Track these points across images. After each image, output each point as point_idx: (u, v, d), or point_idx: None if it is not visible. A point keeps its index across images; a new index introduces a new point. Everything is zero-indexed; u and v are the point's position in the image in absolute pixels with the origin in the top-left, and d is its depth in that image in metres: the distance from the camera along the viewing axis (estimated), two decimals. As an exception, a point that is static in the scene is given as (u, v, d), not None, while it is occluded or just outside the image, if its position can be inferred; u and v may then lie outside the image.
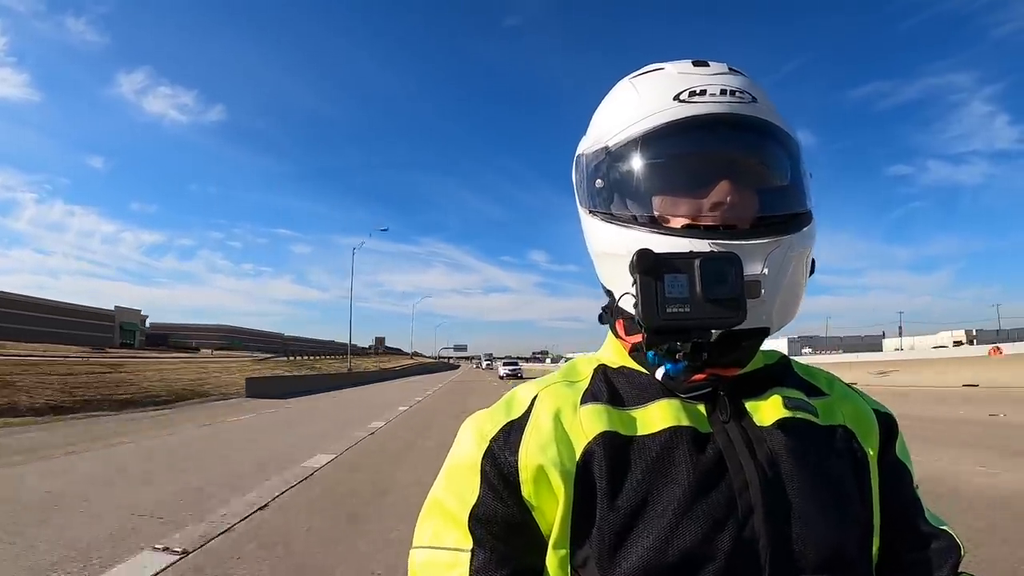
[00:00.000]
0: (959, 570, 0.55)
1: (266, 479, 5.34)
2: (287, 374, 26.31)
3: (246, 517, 4.11)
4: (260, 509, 4.33)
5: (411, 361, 72.24)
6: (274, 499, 4.63)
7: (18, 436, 8.26)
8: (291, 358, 40.56)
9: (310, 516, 4.19)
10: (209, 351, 55.76)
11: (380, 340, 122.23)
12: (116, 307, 61.88)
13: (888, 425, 0.59)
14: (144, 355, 37.41)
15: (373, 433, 8.91)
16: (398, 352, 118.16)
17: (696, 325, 0.46)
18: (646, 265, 0.46)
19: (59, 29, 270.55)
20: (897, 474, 0.58)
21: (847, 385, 0.63)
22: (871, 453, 0.56)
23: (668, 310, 0.46)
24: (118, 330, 59.19)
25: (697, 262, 0.46)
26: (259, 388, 18.51)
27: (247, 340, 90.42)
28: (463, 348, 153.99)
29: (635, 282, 0.46)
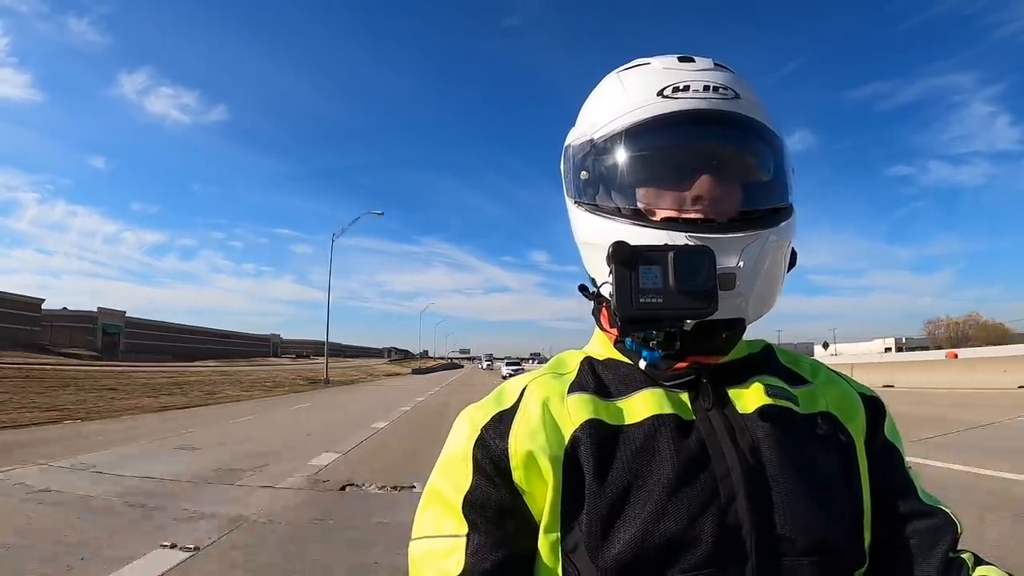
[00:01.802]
0: (958, 547, 0.54)
1: (439, 384, 36.35)
2: (413, 366, 64.22)
3: (444, 385, 36.79)
4: (444, 386, 36.29)
5: (435, 363, 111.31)
6: (444, 386, 36.52)
7: (386, 379, 42.29)
8: (395, 360, 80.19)
9: (463, 384, 35.99)
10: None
11: (424, 352, 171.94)
12: (271, 333, 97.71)
13: (875, 408, 0.61)
14: (319, 361, 77.16)
15: (452, 380, 41.19)
16: (410, 354, 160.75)
17: (669, 315, 0.48)
18: (621, 256, 0.48)
19: (61, 30, 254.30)
20: (887, 455, 0.59)
21: (832, 371, 0.64)
22: (856, 437, 0.57)
23: (641, 300, 0.48)
24: (271, 347, 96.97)
25: (671, 254, 0.48)
26: (417, 372, 56.88)
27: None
28: (467, 351, 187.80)
29: (611, 272, 0.49)
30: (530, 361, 66.60)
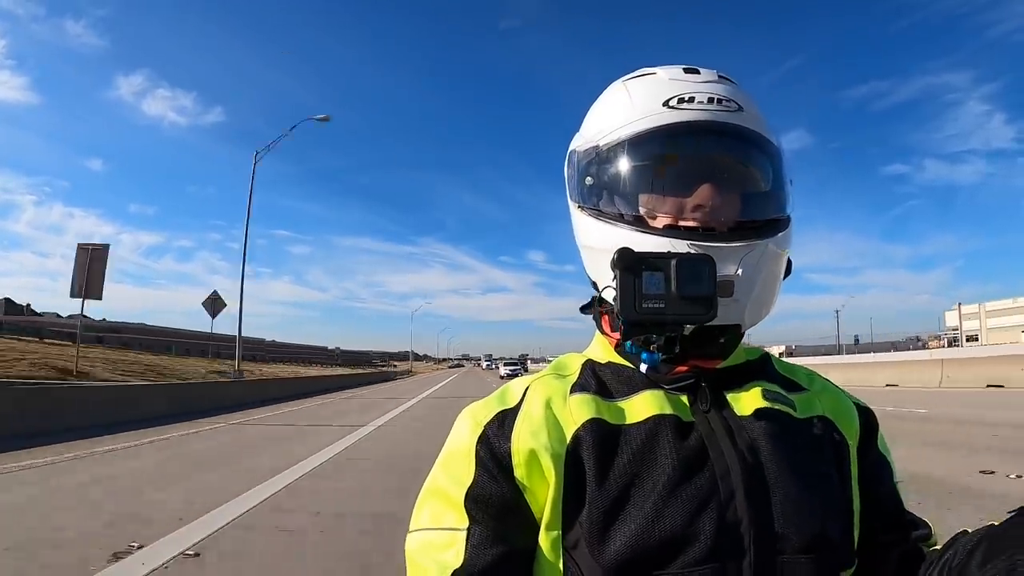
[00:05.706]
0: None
1: (462, 370, 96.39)
2: (447, 366, 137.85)
3: (466, 370, 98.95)
4: (466, 370, 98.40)
5: (446, 364, 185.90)
6: (461, 374, 68.30)
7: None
8: (430, 362, 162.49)
9: (469, 372, 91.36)
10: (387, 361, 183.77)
11: (453, 359, 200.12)
12: (369, 349, 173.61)
13: (868, 419, 0.62)
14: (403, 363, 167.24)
15: (465, 369, 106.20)
16: (418, 356, 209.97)
17: (670, 320, 0.50)
18: (626, 262, 0.50)
19: (58, 32, 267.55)
20: (880, 466, 0.61)
21: (827, 380, 0.66)
22: (851, 441, 0.59)
23: (644, 305, 0.49)
24: (368, 356, 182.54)
25: (673, 261, 0.50)
26: (451, 368, 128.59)
27: (377, 356, 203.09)
28: (466, 355, 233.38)
29: (615, 277, 0.50)
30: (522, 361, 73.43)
